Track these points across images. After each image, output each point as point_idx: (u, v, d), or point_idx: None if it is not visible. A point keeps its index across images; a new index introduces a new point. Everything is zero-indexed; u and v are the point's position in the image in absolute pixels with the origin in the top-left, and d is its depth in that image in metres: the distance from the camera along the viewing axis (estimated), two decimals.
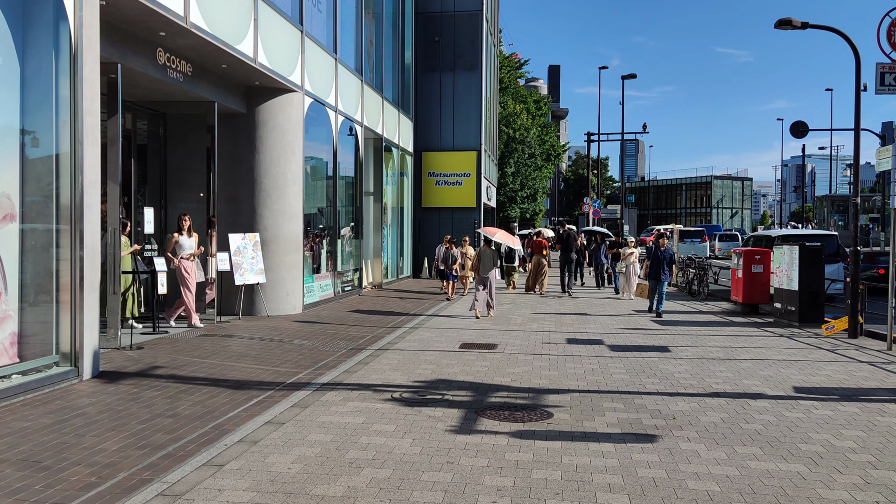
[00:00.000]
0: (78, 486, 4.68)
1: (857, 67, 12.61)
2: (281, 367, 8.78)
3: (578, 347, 10.45)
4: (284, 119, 13.64)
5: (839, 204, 48.84)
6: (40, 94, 7.54)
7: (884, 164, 11.78)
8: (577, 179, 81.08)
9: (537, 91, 57.34)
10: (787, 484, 4.93)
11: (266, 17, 12.16)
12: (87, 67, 7.76)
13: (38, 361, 7.39)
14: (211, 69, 11.83)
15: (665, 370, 8.79)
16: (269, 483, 4.80)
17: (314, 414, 6.54)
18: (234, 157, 13.48)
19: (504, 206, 39.47)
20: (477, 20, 26.81)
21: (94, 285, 7.97)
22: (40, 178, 7.60)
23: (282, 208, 13.63)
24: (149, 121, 13.24)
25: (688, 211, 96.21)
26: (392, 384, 7.82)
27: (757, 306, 15.40)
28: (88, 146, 7.77)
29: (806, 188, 73.61)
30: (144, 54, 9.94)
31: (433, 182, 26.78)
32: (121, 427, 6.01)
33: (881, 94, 12.52)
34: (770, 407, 7.03)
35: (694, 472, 5.15)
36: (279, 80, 12.84)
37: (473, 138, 26.87)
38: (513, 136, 39.07)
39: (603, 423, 6.42)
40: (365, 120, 18.50)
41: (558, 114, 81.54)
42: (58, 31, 7.61)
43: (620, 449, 5.66)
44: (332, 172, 16.47)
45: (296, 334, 11.30)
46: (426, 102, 26.79)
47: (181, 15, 9.37)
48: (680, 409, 6.88)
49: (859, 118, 12.76)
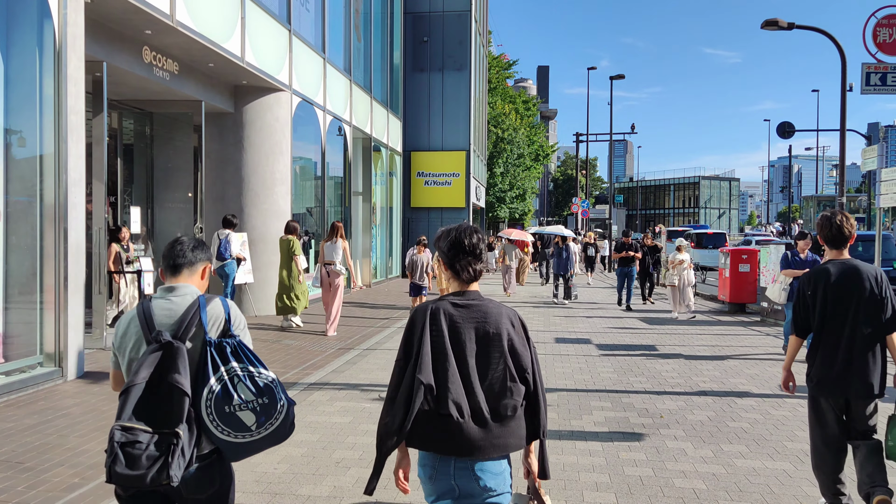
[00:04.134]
0: (61, 487, 4.64)
1: (842, 68, 12.70)
2: (268, 367, 8.73)
3: (566, 346, 10.47)
4: (272, 118, 13.59)
5: (825, 204, 49.22)
6: (24, 92, 7.47)
7: (869, 165, 11.87)
8: (565, 180, 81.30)
9: (526, 91, 57.41)
10: (773, 482, 4.95)
11: (253, 16, 12.10)
12: (72, 66, 7.69)
13: (21, 362, 7.32)
14: (198, 68, 11.76)
15: (652, 369, 8.82)
16: (254, 483, 4.77)
17: (301, 414, 6.51)
18: (221, 157, 13.41)
19: (493, 206, 39.50)
20: (466, 20, 26.82)
21: (79, 285, 7.90)
22: (24, 177, 7.54)
23: (270, 208, 13.57)
24: (135, 120, 13.15)
25: (676, 211, 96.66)
26: (380, 384, 7.79)
27: (744, 305, 15.47)
28: (73, 145, 7.71)
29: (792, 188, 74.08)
30: (130, 53, 9.87)
31: (422, 182, 26.77)
32: (105, 428, 5.96)
33: (867, 95, 12.62)
34: (756, 405, 7.06)
35: (681, 470, 5.16)
36: (267, 79, 12.79)
37: (462, 138, 26.88)
38: (501, 137, 39.11)
39: (590, 421, 6.42)
40: (353, 120, 18.46)
41: (547, 114, 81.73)
42: (42, 30, 7.54)
43: (607, 447, 5.67)
44: (320, 172, 16.42)
45: (283, 335, 11.25)
46: (415, 102, 26.77)
47: (167, 13, 9.30)
48: (667, 408, 6.90)
49: (845, 118, 12.86)
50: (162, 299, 2.77)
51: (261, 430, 2.66)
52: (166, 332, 2.65)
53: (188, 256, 2.88)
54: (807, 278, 4.34)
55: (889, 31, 12.35)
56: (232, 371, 2.67)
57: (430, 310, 2.67)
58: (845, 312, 4.17)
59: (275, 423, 2.69)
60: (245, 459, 2.93)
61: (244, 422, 2.63)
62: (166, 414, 2.55)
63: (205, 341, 2.68)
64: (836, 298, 4.19)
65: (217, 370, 2.65)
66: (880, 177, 11.13)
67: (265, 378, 2.73)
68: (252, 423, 2.64)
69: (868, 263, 4.31)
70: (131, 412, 2.53)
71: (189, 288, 2.82)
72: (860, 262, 4.26)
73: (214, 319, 2.75)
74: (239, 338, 2.77)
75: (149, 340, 2.65)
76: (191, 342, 2.67)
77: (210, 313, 2.75)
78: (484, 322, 2.65)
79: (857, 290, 4.15)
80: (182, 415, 2.55)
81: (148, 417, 2.55)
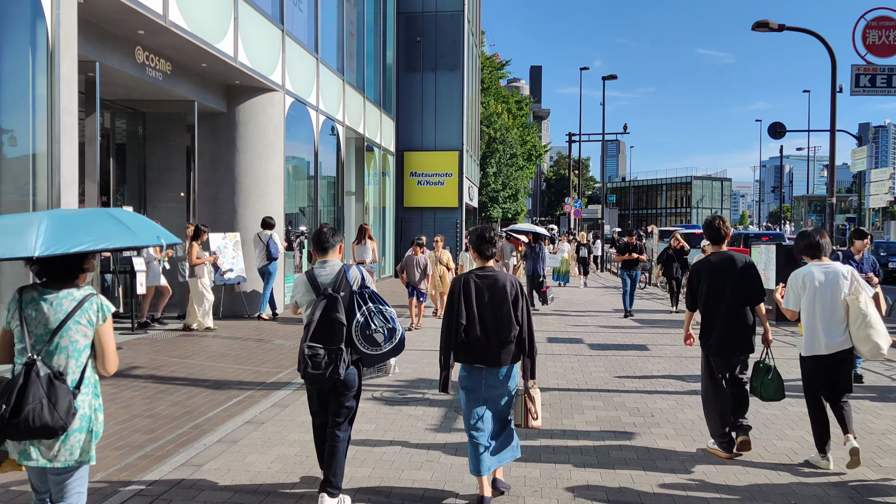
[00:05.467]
0: None
1: (832, 69, 12.79)
2: (261, 366, 8.76)
3: (558, 346, 10.51)
4: (265, 118, 13.59)
5: (816, 204, 49.45)
6: (17, 92, 7.47)
7: (859, 165, 11.99)
8: (558, 179, 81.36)
9: (519, 91, 57.45)
10: (762, 480, 5.01)
11: (246, 16, 12.11)
12: (65, 66, 7.69)
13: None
14: (191, 68, 11.76)
15: (644, 368, 8.87)
16: (247, 482, 4.79)
17: (294, 413, 6.54)
18: (214, 157, 13.41)
19: (486, 206, 39.53)
20: (458, 21, 26.85)
21: None
22: (17, 177, 7.53)
23: (263, 208, 13.57)
24: (128, 120, 13.13)
25: (668, 211, 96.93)
26: (373, 383, 7.81)
27: None
28: (65, 145, 7.70)
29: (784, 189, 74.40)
30: (123, 53, 9.87)
31: (415, 182, 26.77)
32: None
33: (856, 95, 12.72)
34: None
35: (671, 468, 5.21)
36: (260, 79, 12.80)
37: (455, 138, 26.90)
38: (494, 137, 39.15)
39: (582, 420, 6.47)
40: (346, 120, 18.47)
41: (540, 114, 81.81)
42: (34, 30, 7.54)
43: (599, 446, 5.71)
44: (313, 172, 16.42)
45: (276, 334, 11.26)
46: (408, 102, 26.77)
47: (160, 13, 9.31)
48: (658, 407, 6.95)
49: (835, 119, 12.95)
50: (320, 268, 4.40)
51: (386, 345, 4.27)
52: (329, 288, 4.27)
53: (330, 241, 4.48)
54: (694, 268, 5.75)
55: (878, 34, 12.47)
56: (369, 309, 4.29)
57: (463, 280, 4.48)
58: (724, 291, 5.50)
59: (394, 341, 4.30)
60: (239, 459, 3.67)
61: (377, 340, 4.25)
62: (333, 337, 4.20)
63: (352, 292, 4.30)
64: (718, 281, 5.52)
65: (360, 308, 4.27)
66: (870, 177, 11.23)
67: (389, 313, 4.35)
68: (382, 341, 4.26)
69: (740, 254, 5.66)
70: (311, 337, 4.19)
71: (334, 261, 4.44)
72: (734, 253, 5.64)
73: (354, 278, 4.36)
74: (371, 289, 4.40)
75: (317, 294, 4.28)
76: (342, 292, 4.27)
77: (351, 275, 4.36)
78: (495, 284, 4.46)
79: (731, 273, 5.50)
80: (342, 337, 4.20)
81: (322, 339, 4.20)
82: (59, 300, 3.15)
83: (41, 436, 3.03)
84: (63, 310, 3.13)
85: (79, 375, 3.16)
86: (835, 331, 5.21)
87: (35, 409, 2.97)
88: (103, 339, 3.23)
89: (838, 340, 5.20)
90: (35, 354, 3.08)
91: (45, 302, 3.13)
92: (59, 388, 3.04)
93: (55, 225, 3.05)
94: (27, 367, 3.05)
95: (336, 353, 4.15)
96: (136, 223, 3.38)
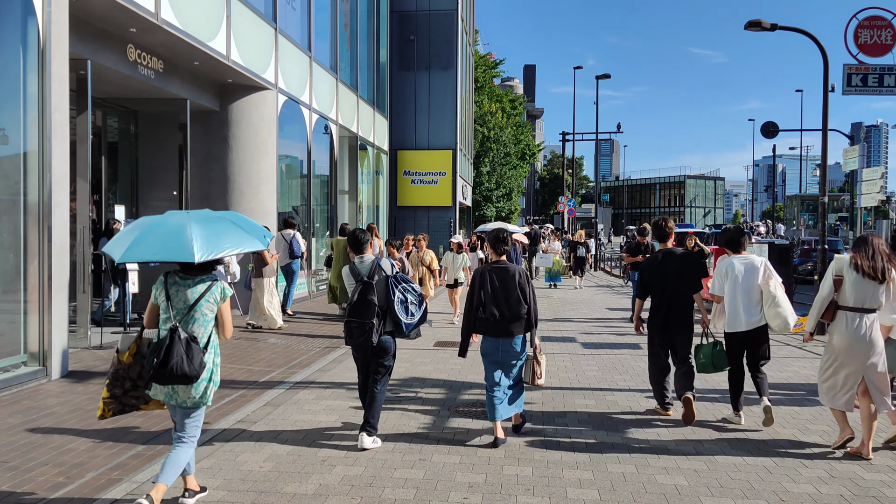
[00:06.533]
0: (46, 487, 4.63)
1: (824, 68, 12.81)
2: (254, 365, 8.74)
3: (551, 345, 10.52)
4: (258, 117, 13.55)
5: (808, 203, 49.61)
6: (7, 90, 7.42)
7: (851, 164, 12.02)
8: (552, 178, 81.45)
9: (513, 90, 57.50)
10: (754, 478, 5.02)
11: (239, 15, 12.07)
12: (56, 64, 7.66)
13: (5, 361, 7.28)
14: (183, 66, 11.72)
15: (637, 367, 8.88)
16: (239, 482, 4.79)
17: (287, 412, 6.53)
18: (206, 155, 13.36)
19: (480, 204, 39.53)
20: (452, 19, 26.85)
21: (63, 284, 7.87)
22: (8, 175, 7.49)
23: (255, 207, 13.53)
24: (120, 118, 13.07)
25: (661, 210, 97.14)
26: None
27: None
28: (57, 143, 7.67)
29: (777, 188, 74.56)
30: (115, 51, 9.83)
31: (409, 181, 26.77)
32: (90, 427, 5.95)
33: (848, 95, 12.76)
34: None
35: (663, 466, 5.22)
36: (252, 77, 12.76)
37: (449, 137, 26.90)
38: (488, 136, 39.15)
39: (574, 419, 6.48)
40: (340, 118, 18.44)
41: (534, 113, 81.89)
42: (25, 27, 7.50)
43: (591, 445, 5.72)
44: (306, 171, 16.39)
45: (269, 333, 11.24)
46: (401, 101, 26.76)
47: (152, 11, 9.27)
48: (650, 405, 6.96)
49: (827, 118, 12.97)
50: (359, 262, 5.61)
51: (416, 314, 5.55)
52: (364, 276, 5.50)
53: (365, 240, 5.64)
54: (645, 263, 6.80)
55: (870, 33, 12.50)
56: (403, 288, 5.55)
57: (481, 272, 5.77)
58: (667, 281, 6.45)
59: (422, 312, 5.60)
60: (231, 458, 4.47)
61: (412, 311, 5.54)
62: (366, 312, 5.43)
63: (387, 278, 5.51)
64: (662, 272, 6.49)
65: (396, 288, 5.50)
66: (861, 176, 11.27)
67: (417, 290, 5.66)
68: (415, 310, 5.55)
69: (682, 249, 6.70)
70: (350, 312, 5.50)
71: (368, 256, 5.65)
72: (678, 249, 6.66)
73: (387, 268, 5.58)
74: (401, 274, 5.62)
75: (356, 280, 5.52)
76: (377, 277, 5.50)
77: (384, 266, 5.58)
78: (506, 273, 5.71)
79: (674, 266, 6.48)
80: (373, 313, 5.42)
81: (358, 314, 5.45)
82: (195, 284, 4.22)
83: (181, 381, 4.06)
84: (198, 291, 4.21)
85: (206, 339, 4.22)
86: (752, 311, 6.21)
87: (178, 362, 4.01)
88: (223, 314, 4.31)
89: (755, 318, 6.20)
90: (177, 323, 4.15)
91: (184, 285, 4.22)
92: (194, 348, 4.09)
93: (203, 233, 4.04)
94: (171, 332, 4.08)
95: (368, 325, 5.40)
96: (248, 227, 4.37)
